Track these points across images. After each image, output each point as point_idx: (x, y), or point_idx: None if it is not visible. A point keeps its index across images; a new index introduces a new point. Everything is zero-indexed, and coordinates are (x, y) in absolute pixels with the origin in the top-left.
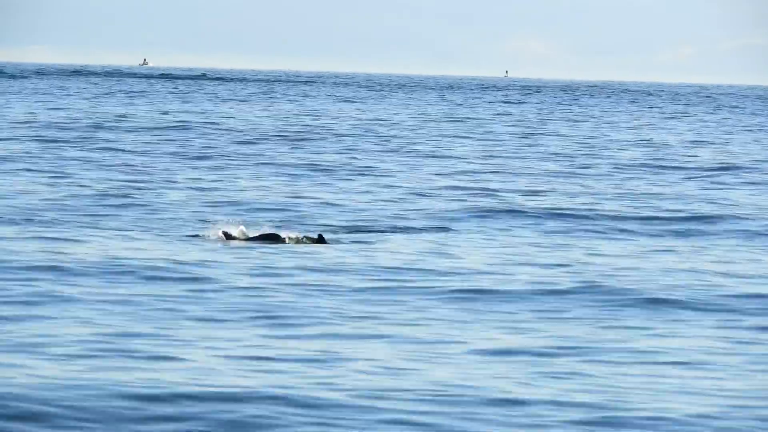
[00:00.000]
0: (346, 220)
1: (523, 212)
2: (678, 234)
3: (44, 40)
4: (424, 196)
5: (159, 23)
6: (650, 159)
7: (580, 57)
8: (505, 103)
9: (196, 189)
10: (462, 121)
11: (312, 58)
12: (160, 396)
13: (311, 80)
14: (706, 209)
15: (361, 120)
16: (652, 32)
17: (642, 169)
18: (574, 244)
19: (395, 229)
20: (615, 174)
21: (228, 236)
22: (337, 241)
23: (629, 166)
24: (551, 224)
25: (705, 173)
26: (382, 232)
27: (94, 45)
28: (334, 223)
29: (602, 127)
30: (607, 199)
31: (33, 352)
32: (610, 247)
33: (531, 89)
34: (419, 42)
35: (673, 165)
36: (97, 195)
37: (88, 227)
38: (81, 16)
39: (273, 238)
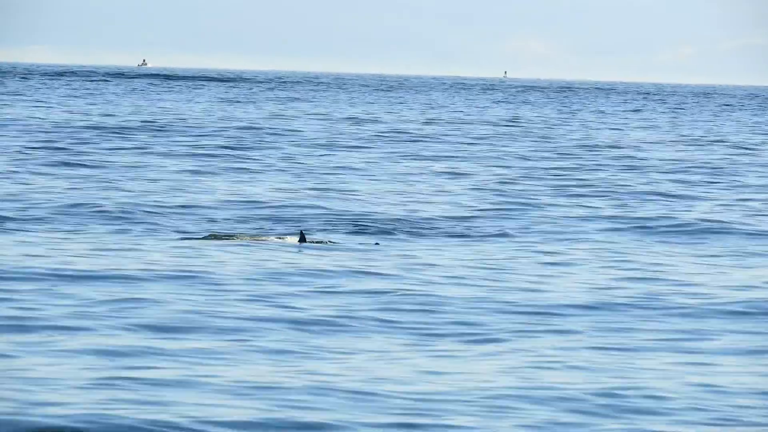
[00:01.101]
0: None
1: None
2: None
3: (44, 40)
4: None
5: (159, 23)
6: None
7: (580, 57)
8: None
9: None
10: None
11: (312, 58)
12: None
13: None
14: None
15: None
16: (652, 32)
17: None
18: None
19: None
20: None
21: (303, 239)
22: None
23: None
24: None
25: None
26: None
27: (94, 45)
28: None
29: None
30: None
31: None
32: None
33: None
34: (419, 42)
35: None
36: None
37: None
38: (81, 16)
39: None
